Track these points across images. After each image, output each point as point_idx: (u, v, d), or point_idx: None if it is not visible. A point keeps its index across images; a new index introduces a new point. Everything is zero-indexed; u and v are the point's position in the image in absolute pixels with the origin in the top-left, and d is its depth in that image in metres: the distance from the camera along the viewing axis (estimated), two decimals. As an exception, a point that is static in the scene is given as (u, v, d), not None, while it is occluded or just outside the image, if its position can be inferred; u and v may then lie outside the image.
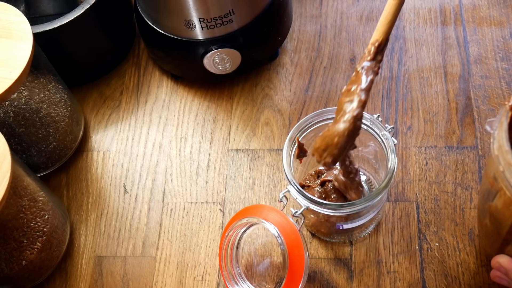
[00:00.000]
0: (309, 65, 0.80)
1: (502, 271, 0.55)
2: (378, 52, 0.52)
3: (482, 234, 0.63)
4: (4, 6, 0.64)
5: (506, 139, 0.49)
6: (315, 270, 0.66)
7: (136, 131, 0.78)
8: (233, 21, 0.70)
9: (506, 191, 0.49)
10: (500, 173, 0.49)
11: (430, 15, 0.82)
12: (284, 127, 0.76)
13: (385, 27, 0.52)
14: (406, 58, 0.79)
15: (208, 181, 0.73)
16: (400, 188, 0.70)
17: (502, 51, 0.78)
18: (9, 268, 0.62)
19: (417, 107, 0.75)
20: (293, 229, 0.57)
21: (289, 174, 0.59)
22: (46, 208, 0.65)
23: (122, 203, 0.73)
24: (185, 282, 0.67)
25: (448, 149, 0.72)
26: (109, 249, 0.70)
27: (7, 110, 0.68)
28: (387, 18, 0.52)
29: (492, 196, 0.53)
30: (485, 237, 0.62)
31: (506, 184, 0.49)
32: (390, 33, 0.53)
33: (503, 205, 0.52)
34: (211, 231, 0.70)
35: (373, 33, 0.53)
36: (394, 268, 0.65)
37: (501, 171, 0.49)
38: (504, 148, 0.48)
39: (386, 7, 0.52)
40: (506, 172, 0.48)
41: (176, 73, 0.80)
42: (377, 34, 0.52)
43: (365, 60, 0.52)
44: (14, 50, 0.61)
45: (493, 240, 0.58)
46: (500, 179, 0.50)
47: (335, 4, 0.85)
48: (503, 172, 0.49)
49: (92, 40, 0.77)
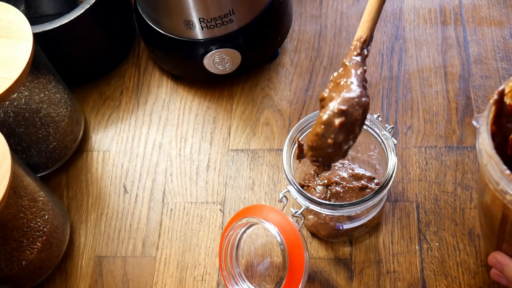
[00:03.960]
0: (309, 65, 0.80)
1: (498, 267, 0.55)
2: (364, 48, 0.52)
3: (483, 234, 0.64)
4: (4, 6, 0.64)
5: (488, 132, 0.49)
6: (315, 270, 0.66)
7: (136, 131, 0.78)
8: (233, 21, 0.70)
9: (490, 185, 0.49)
10: (484, 167, 0.49)
11: (430, 15, 0.82)
12: (284, 127, 0.76)
13: (368, 23, 0.52)
14: (406, 58, 0.79)
15: (208, 181, 0.73)
16: (400, 188, 0.70)
17: (502, 51, 0.78)
18: (9, 268, 0.62)
19: (417, 107, 0.75)
20: (293, 229, 0.57)
21: (289, 174, 0.59)
22: (46, 208, 0.65)
23: (122, 203, 0.73)
24: (185, 282, 0.67)
25: (448, 149, 0.72)
26: (109, 249, 0.70)
27: (7, 110, 0.68)
28: (370, 15, 0.52)
29: (483, 193, 0.53)
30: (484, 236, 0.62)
31: (489, 177, 0.49)
32: (374, 30, 0.52)
33: (491, 201, 0.52)
34: (211, 231, 0.70)
35: (357, 30, 0.53)
36: (394, 268, 0.65)
37: (484, 165, 0.49)
38: (486, 141, 0.48)
39: (368, 4, 0.52)
40: (488, 165, 0.48)
41: (176, 73, 0.80)
42: (361, 30, 0.52)
43: (352, 55, 0.51)
44: (14, 50, 0.61)
45: (491, 239, 0.58)
46: (484, 173, 0.50)
47: (335, 4, 0.85)
48: (486, 165, 0.49)
49: (92, 40, 0.77)
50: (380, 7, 0.52)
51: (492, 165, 0.48)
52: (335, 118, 0.47)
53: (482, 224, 0.59)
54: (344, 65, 0.51)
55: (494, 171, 0.48)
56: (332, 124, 0.48)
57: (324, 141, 0.48)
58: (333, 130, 0.48)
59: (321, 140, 0.49)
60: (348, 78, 0.50)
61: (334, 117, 0.48)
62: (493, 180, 0.48)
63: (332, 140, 0.48)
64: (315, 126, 0.49)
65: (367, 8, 0.52)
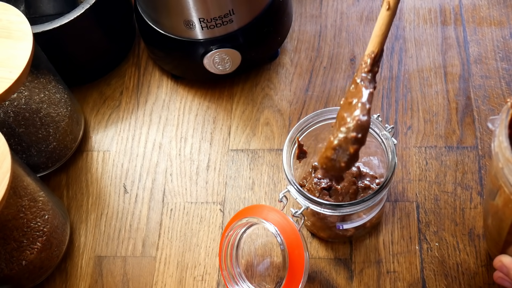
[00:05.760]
0: (309, 65, 0.80)
1: (504, 271, 0.55)
2: (374, 64, 0.52)
3: (487, 235, 0.63)
4: (4, 6, 0.64)
5: (506, 136, 0.49)
6: (315, 270, 0.66)
7: (136, 131, 0.78)
8: (233, 21, 0.70)
9: (505, 188, 0.49)
10: (500, 170, 0.49)
11: (430, 15, 0.82)
12: (284, 127, 0.76)
13: (380, 38, 0.52)
14: (406, 58, 0.79)
15: (208, 181, 0.73)
16: (400, 188, 0.70)
17: (502, 51, 0.78)
18: (9, 268, 0.62)
19: (417, 107, 0.75)
20: (293, 229, 0.57)
21: (289, 174, 0.59)
22: (46, 208, 0.65)
23: (122, 203, 0.73)
24: (185, 282, 0.67)
25: (448, 149, 0.72)
26: (109, 249, 0.70)
27: (7, 110, 0.68)
28: (381, 29, 0.52)
29: (494, 195, 0.53)
30: (489, 238, 0.62)
31: (505, 181, 0.49)
32: (384, 44, 0.53)
33: (503, 204, 0.52)
34: (211, 231, 0.70)
35: (368, 45, 0.53)
36: (394, 268, 0.65)
37: (500, 168, 0.49)
38: (504, 144, 0.48)
39: (379, 19, 0.52)
40: (505, 169, 0.48)
41: (176, 73, 0.80)
42: (372, 45, 0.52)
43: (363, 71, 0.52)
44: (14, 50, 0.61)
45: (496, 241, 0.58)
46: (499, 176, 0.50)
47: (335, 4, 0.85)
48: (502, 169, 0.49)
49: (92, 40, 0.77)
50: (390, 21, 0.52)
51: (509, 168, 0.48)
52: (348, 145, 0.49)
53: (488, 225, 0.59)
54: (356, 83, 0.52)
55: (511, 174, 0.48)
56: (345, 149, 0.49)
57: (334, 164, 0.50)
58: (346, 155, 0.49)
59: (331, 163, 0.50)
60: (360, 98, 0.50)
61: (348, 144, 0.49)
62: (509, 184, 0.48)
63: (345, 164, 0.49)
64: (326, 150, 0.50)
65: (378, 22, 0.52)
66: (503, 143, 0.49)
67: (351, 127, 0.49)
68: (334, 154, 0.49)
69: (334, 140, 0.49)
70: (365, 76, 0.51)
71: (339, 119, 0.50)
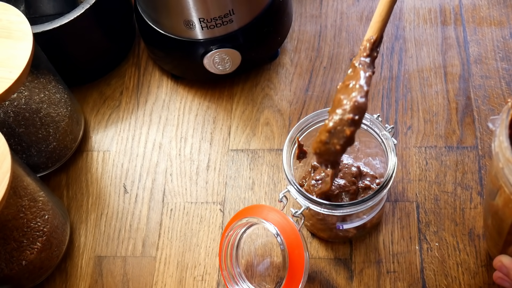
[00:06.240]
0: (309, 65, 0.80)
1: (504, 271, 0.55)
2: (373, 49, 0.52)
3: (487, 235, 0.63)
4: (4, 6, 0.64)
5: (506, 136, 0.49)
6: (315, 270, 0.66)
7: (136, 131, 0.78)
8: (233, 21, 0.70)
9: (505, 188, 0.49)
10: (500, 170, 0.49)
11: (430, 15, 0.82)
12: (284, 127, 0.76)
13: (379, 24, 0.52)
14: (406, 58, 0.79)
15: (208, 181, 0.73)
16: (400, 188, 0.70)
17: (502, 51, 0.78)
18: (9, 268, 0.62)
19: (417, 107, 0.75)
20: (293, 229, 0.57)
21: (289, 174, 0.59)
22: (46, 208, 0.65)
23: (122, 203, 0.73)
24: (185, 282, 0.67)
25: (448, 149, 0.72)
26: (109, 249, 0.70)
27: (7, 110, 0.68)
28: (381, 15, 0.52)
29: (494, 195, 0.53)
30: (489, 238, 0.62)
31: (505, 181, 0.49)
32: (384, 30, 0.52)
33: (504, 204, 0.52)
34: (211, 231, 0.70)
35: (367, 30, 0.52)
36: (394, 268, 0.65)
37: (500, 168, 0.49)
38: (504, 144, 0.48)
39: (379, 5, 0.52)
40: (505, 169, 0.48)
41: (176, 73, 0.80)
42: (371, 31, 0.52)
43: (361, 56, 0.51)
44: (14, 50, 0.61)
45: (496, 241, 0.58)
46: (499, 177, 0.50)
47: (335, 4, 0.85)
48: (503, 169, 0.49)
49: (92, 40, 0.77)
50: (391, 7, 0.52)
51: (509, 168, 0.48)
52: (345, 127, 0.47)
53: (488, 225, 0.59)
54: (353, 66, 0.51)
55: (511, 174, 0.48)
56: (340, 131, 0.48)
57: (329, 147, 0.49)
58: (342, 137, 0.48)
59: (325, 146, 0.49)
60: (357, 80, 0.49)
61: (344, 125, 0.48)
62: (509, 184, 0.48)
63: (340, 147, 0.48)
64: (320, 134, 0.49)
65: (378, 8, 0.52)
66: (504, 143, 0.49)
67: (347, 109, 0.48)
68: (329, 138, 0.48)
69: (329, 122, 0.48)
70: (364, 60, 0.51)
71: (336, 102, 0.49)
